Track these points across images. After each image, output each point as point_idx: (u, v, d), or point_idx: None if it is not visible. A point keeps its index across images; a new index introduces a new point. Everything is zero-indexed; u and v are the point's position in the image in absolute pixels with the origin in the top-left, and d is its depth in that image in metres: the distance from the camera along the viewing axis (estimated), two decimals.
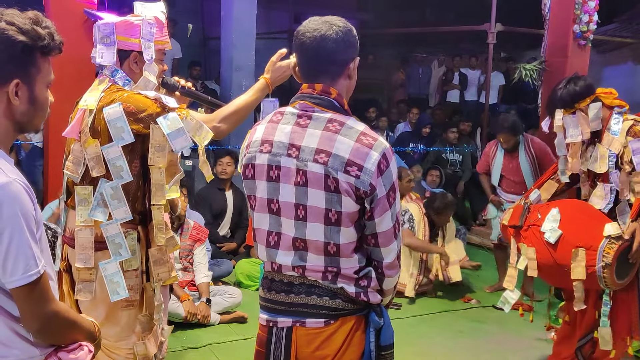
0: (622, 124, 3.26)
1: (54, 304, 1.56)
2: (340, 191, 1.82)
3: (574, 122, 3.31)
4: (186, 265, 4.72)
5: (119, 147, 2.38)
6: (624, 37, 9.98)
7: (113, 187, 2.40)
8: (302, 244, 1.89)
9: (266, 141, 1.93)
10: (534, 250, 3.31)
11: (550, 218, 3.27)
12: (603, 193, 3.32)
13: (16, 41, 1.51)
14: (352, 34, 1.94)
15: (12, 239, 1.45)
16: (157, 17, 2.55)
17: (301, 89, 1.98)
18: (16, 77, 1.54)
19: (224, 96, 7.18)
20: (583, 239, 3.15)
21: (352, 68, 1.97)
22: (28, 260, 1.48)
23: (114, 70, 2.49)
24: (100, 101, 2.41)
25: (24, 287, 1.48)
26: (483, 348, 4.46)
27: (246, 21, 7.02)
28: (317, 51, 1.90)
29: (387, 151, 1.86)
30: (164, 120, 2.37)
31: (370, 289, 1.93)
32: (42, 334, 1.56)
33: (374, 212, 1.86)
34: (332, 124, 1.87)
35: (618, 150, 3.24)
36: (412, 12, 12.30)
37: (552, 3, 6.50)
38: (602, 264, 3.08)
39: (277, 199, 1.91)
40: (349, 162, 1.81)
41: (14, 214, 1.45)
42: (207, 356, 4.11)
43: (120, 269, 2.41)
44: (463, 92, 10.67)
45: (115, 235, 2.41)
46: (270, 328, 1.98)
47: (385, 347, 1.96)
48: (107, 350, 2.47)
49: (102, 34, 2.46)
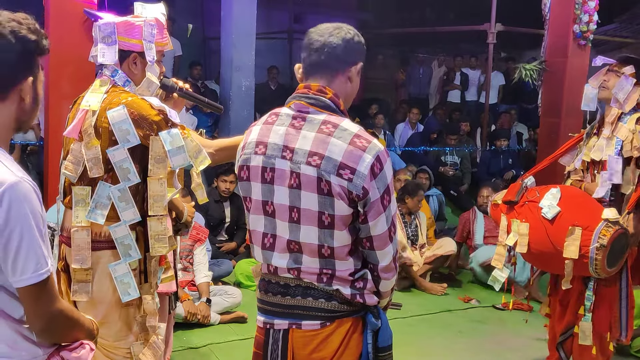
0: (630, 115, 3.28)
1: (60, 302, 1.57)
2: (333, 194, 1.81)
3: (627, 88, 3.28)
4: (186, 265, 4.72)
5: (125, 149, 2.38)
6: (624, 37, 9.99)
7: (120, 189, 2.40)
8: (297, 247, 1.88)
9: (261, 143, 1.92)
10: (527, 226, 3.29)
11: (549, 196, 3.27)
12: (602, 180, 3.31)
13: (31, 40, 1.54)
14: (358, 40, 1.96)
15: (22, 238, 1.46)
16: (157, 19, 2.56)
17: (297, 89, 1.97)
18: (30, 75, 1.57)
19: (224, 96, 7.18)
20: (581, 218, 3.15)
21: (353, 72, 1.96)
22: (38, 259, 1.49)
23: (114, 70, 2.49)
24: (103, 102, 2.41)
25: (33, 286, 1.49)
26: (483, 348, 4.46)
27: (246, 21, 7.01)
28: (321, 45, 1.92)
29: (381, 154, 1.83)
30: (167, 136, 2.38)
31: (366, 290, 1.92)
32: (47, 332, 1.57)
33: (368, 216, 1.84)
34: (326, 125, 1.86)
35: (625, 136, 3.24)
36: (412, 12, 12.31)
37: (552, 3, 6.50)
38: (597, 245, 3.06)
39: (272, 201, 1.90)
40: (341, 165, 1.80)
41: (24, 213, 1.46)
42: (207, 356, 4.11)
43: (130, 270, 2.42)
44: (464, 92, 10.67)
45: (124, 237, 2.42)
46: (267, 330, 1.97)
47: (383, 348, 1.95)
48: (105, 350, 2.47)
49: (104, 34, 2.46)
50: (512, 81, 7.86)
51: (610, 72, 3.36)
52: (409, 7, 11.84)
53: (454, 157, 8.23)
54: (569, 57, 6.32)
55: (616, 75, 3.32)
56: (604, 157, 3.31)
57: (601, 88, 3.37)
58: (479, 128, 9.46)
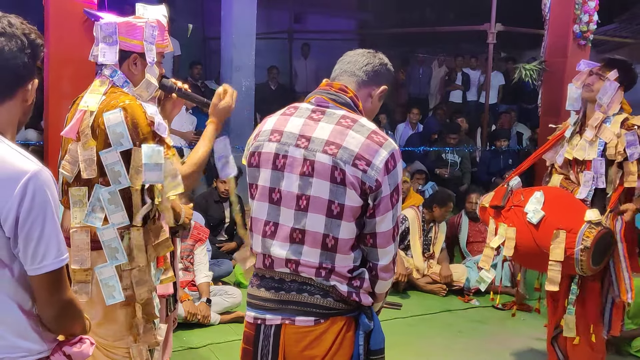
0: (615, 117, 3.35)
1: (70, 291, 1.61)
2: (346, 184, 1.84)
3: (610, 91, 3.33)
4: (187, 265, 4.72)
5: (117, 152, 2.36)
6: (624, 37, 9.98)
7: (110, 192, 2.38)
8: (300, 236, 1.89)
9: (276, 131, 1.96)
10: (514, 230, 3.39)
11: (534, 200, 3.36)
12: (584, 180, 3.39)
13: (40, 44, 1.60)
14: (389, 68, 2.08)
15: (45, 224, 1.50)
16: (158, 20, 2.56)
17: (320, 86, 2.04)
18: (35, 77, 1.62)
19: None
20: (564, 221, 3.24)
21: (376, 91, 2.05)
22: (59, 245, 1.53)
23: (113, 70, 2.48)
24: (101, 103, 2.41)
25: (52, 272, 1.52)
26: (483, 348, 4.46)
27: (246, 21, 7.02)
28: (355, 60, 2.04)
29: (395, 152, 1.89)
30: (148, 149, 2.35)
31: (362, 289, 1.93)
32: (57, 320, 1.60)
33: (377, 210, 1.87)
34: (345, 120, 1.92)
35: (609, 139, 3.31)
36: (412, 12, 12.31)
37: (552, 3, 6.50)
38: (582, 247, 3.16)
39: (279, 188, 1.92)
40: (358, 155, 1.84)
41: (47, 200, 1.51)
42: (207, 356, 4.12)
43: (116, 273, 2.41)
44: (465, 92, 10.67)
45: (111, 240, 2.39)
46: (258, 325, 1.97)
47: (375, 351, 1.95)
48: (105, 350, 2.47)
49: (105, 33, 2.46)
50: (512, 81, 7.86)
51: (595, 75, 3.40)
52: (409, 7, 11.85)
53: (454, 157, 8.24)
54: (568, 57, 6.30)
55: (600, 78, 3.37)
56: (587, 157, 3.38)
57: (586, 89, 3.41)
58: (479, 128, 9.46)
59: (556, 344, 3.62)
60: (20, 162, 1.51)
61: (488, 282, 3.63)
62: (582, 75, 3.47)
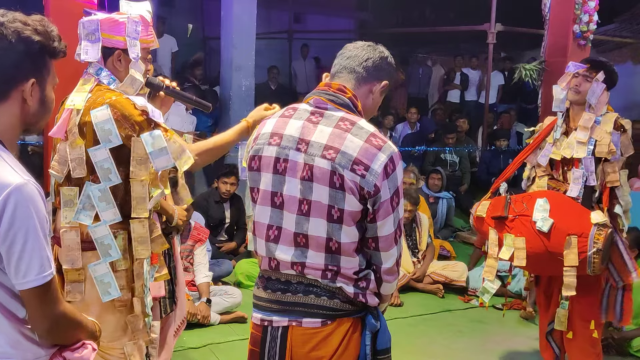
0: (604, 116, 3.37)
1: (63, 305, 1.57)
2: (345, 189, 1.82)
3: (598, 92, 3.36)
4: (187, 265, 4.71)
5: (107, 149, 2.34)
6: (624, 37, 9.96)
7: (101, 189, 2.37)
8: (304, 240, 1.88)
9: (276, 134, 1.94)
10: (523, 240, 3.35)
11: (539, 208, 3.34)
12: (574, 177, 3.41)
13: (34, 41, 1.53)
14: (390, 61, 2.05)
15: (27, 240, 1.46)
16: (142, 16, 2.53)
17: (318, 86, 2.01)
18: (32, 76, 1.56)
19: (224, 96, 7.17)
20: (574, 227, 3.24)
21: (377, 87, 2.01)
22: (42, 262, 1.48)
23: (99, 68, 2.47)
24: (87, 101, 2.39)
25: (37, 288, 1.48)
26: (483, 348, 4.46)
27: (246, 21, 7.01)
28: (354, 54, 2.00)
29: (394, 155, 1.87)
30: (149, 137, 2.34)
31: (368, 290, 1.93)
32: (50, 334, 1.57)
33: (377, 215, 1.86)
34: (343, 122, 1.89)
35: (600, 137, 3.32)
36: (412, 12, 12.30)
37: (552, 3, 6.50)
38: (594, 249, 3.19)
39: (282, 192, 1.90)
40: (356, 160, 1.82)
41: (29, 215, 1.46)
42: (207, 356, 4.11)
43: (110, 270, 2.39)
44: (463, 92, 10.67)
45: (104, 237, 2.38)
46: (264, 327, 1.97)
47: (382, 351, 1.96)
48: (100, 352, 2.46)
49: (87, 31, 2.45)
50: (512, 81, 7.86)
51: (581, 77, 3.40)
52: (408, 7, 11.84)
53: (453, 157, 8.23)
54: (568, 57, 6.30)
55: (587, 80, 3.38)
56: (575, 155, 3.39)
57: (574, 92, 3.42)
58: (479, 128, 9.46)
59: (551, 338, 3.64)
60: (4, 175, 1.46)
61: (492, 292, 3.58)
62: (567, 77, 3.48)
